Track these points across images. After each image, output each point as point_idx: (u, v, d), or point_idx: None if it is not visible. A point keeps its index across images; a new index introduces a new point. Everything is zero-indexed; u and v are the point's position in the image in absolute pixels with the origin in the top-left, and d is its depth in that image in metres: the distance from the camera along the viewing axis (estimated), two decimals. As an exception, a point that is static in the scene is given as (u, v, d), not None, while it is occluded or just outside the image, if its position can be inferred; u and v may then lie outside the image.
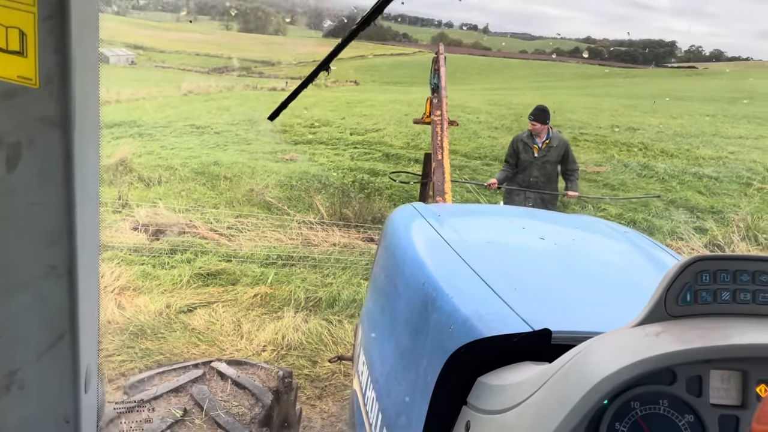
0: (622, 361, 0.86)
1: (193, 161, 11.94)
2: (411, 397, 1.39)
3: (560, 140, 6.72)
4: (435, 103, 5.52)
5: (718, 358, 0.88)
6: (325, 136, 15.34)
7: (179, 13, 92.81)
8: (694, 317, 0.97)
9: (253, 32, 76.74)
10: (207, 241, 7.45)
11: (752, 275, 0.97)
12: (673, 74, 58.08)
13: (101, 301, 3.57)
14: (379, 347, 1.85)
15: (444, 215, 2.34)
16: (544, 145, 6.64)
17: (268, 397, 2.68)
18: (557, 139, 6.70)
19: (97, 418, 0.83)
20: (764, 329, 0.92)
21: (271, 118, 1.28)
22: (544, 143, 6.64)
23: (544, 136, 6.64)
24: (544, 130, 6.63)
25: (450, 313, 1.41)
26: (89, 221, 0.74)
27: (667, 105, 24.24)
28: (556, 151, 6.66)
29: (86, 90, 0.71)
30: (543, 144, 6.64)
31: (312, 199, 9.56)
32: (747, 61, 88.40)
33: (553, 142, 6.65)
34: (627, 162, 13.54)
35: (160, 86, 26.04)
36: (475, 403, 1.13)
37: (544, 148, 6.64)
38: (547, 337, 1.19)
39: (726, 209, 10.46)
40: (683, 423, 0.94)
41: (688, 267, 0.97)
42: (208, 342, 5.21)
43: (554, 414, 0.88)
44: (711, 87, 35.32)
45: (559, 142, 6.69)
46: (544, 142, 6.64)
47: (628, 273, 1.82)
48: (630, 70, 65.08)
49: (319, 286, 6.39)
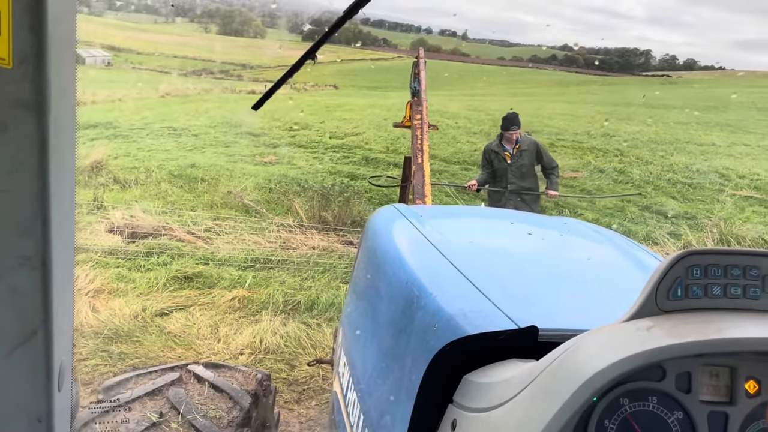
0: (612, 356, 0.85)
1: (170, 163, 11.80)
2: (396, 397, 1.37)
3: (530, 142, 6.71)
4: (415, 107, 5.52)
5: (711, 352, 0.88)
6: (304, 140, 15.29)
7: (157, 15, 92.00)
8: (685, 312, 0.96)
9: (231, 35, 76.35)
10: (184, 244, 7.35)
11: (743, 270, 0.97)
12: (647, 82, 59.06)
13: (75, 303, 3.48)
14: (360, 348, 1.83)
15: (426, 216, 2.33)
16: (515, 150, 6.64)
17: (246, 400, 2.64)
18: (527, 142, 6.68)
19: (70, 418, 0.80)
20: (755, 324, 0.92)
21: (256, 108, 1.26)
22: (515, 148, 6.64)
23: (514, 141, 6.64)
24: (516, 135, 6.65)
25: (434, 311, 1.39)
26: (64, 210, 0.71)
27: (642, 112, 24.63)
28: (528, 153, 6.65)
29: (63, 72, 0.68)
30: (514, 149, 6.64)
31: (291, 202, 9.50)
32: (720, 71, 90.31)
33: (523, 145, 6.64)
34: (603, 168, 13.71)
35: (137, 88, 25.73)
36: (462, 401, 1.12)
37: (516, 154, 6.64)
38: (534, 334, 1.18)
39: (699, 215, 10.63)
40: (672, 420, 0.93)
41: (680, 261, 0.97)
42: (185, 345, 5.13)
43: (543, 411, 0.86)
44: (685, 95, 35.99)
45: (529, 144, 6.68)
46: (514, 148, 6.64)
47: (610, 273, 1.82)
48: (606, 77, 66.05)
49: (297, 289, 6.34)
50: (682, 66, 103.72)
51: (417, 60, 5.67)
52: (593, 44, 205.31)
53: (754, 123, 23.63)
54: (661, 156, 15.56)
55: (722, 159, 15.50)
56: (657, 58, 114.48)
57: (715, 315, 0.95)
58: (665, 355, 0.85)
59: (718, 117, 24.83)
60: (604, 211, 10.62)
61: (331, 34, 0.90)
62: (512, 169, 6.67)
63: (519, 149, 6.63)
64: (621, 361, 0.84)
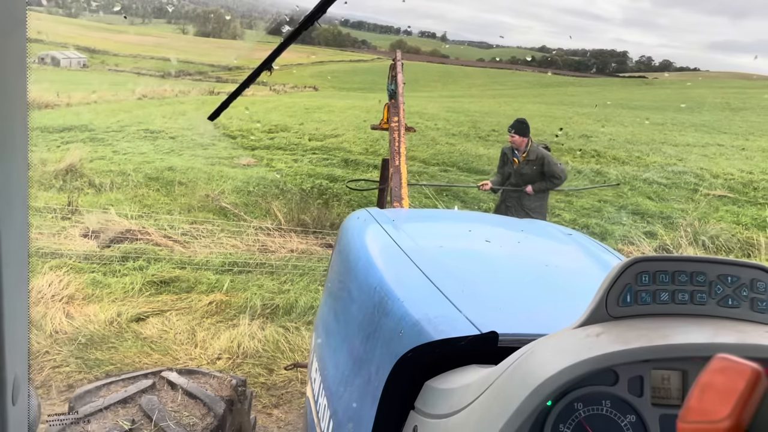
0: (563, 362, 0.87)
1: (146, 166, 11.67)
2: (361, 403, 1.38)
3: (538, 154, 6.54)
4: (392, 110, 5.53)
5: (657, 358, 0.90)
6: (283, 142, 15.23)
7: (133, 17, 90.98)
8: (634, 318, 0.98)
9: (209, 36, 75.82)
10: (160, 248, 7.28)
11: (690, 276, 0.99)
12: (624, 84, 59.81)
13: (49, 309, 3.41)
14: (331, 353, 1.83)
15: (398, 220, 2.34)
16: (522, 158, 6.55)
17: (221, 407, 2.62)
18: (535, 153, 6.54)
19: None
20: (701, 329, 0.94)
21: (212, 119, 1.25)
22: (522, 156, 6.55)
23: (522, 148, 6.55)
24: (523, 142, 6.53)
25: (400, 317, 1.40)
26: (17, 220, 0.70)
27: (618, 113, 24.95)
28: (532, 165, 6.53)
29: (11, 82, 0.68)
30: (521, 156, 6.55)
31: (269, 205, 9.46)
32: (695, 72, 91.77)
33: (531, 155, 6.53)
34: (580, 168, 13.85)
35: (113, 90, 25.41)
36: (423, 408, 1.12)
37: (523, 161, 6.55)
38: (494, 339, 1.19)
39: (674, 214, 10.80)
40: (625, 423, 0.95)
41: (629, 268, 0.99)
42: (161, 351, 5.08)
43: (498, 416, 0.87)
44: (660, 96, 36.51)
45: (537, 156, 6.53)
46: (522, 155, 6.55)
47: (575, 275, 1.84)
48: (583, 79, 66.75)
49: (276, 293, 6.31)
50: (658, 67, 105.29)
51: (394, 62, 5.69)
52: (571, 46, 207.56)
53: (728, 123, 24.10)
54: (637, 156, 15.78)
55: (697, 159, 15.77)
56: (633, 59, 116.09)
57: (662, 321, 0.97)
58: (612, 361, 0.87)
59: (693, 118, 25.27)
60: (581, 212, 10.73)
61: (287, 45, 0.90)
62: (516, 175, 6.61)
63: (526, 158, 6.54)
64: (570, 367, 0.86)
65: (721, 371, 0.45)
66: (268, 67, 0.97)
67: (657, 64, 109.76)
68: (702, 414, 0.43)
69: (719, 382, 0.44)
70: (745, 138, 20.19)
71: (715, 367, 0.45)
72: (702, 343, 0.88)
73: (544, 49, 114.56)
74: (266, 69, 0.98)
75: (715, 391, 0.44)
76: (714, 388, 0.44)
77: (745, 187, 13.12)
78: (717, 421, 0.42)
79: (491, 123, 19.81)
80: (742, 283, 0.99)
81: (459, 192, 10.99)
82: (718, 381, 0.44)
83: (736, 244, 9.19)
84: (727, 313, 0.99)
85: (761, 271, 1.00)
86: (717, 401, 0.43)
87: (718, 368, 0.45)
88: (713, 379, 0.44)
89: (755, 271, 1.00)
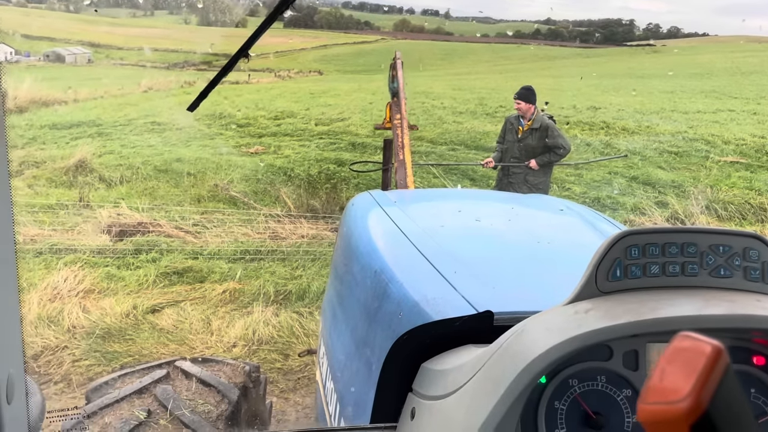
0: (552, 339, 0.87)
1: (155, 159, 11.72)
2: (362, 387, 1.39)
3: (543, 123, 6.32)
4: (395, 107, 5.62)
5: (646, 332, 0.89)
6: (290, 128, 15.21)
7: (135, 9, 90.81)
8: (624, 292, 0.97)
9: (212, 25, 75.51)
10: (172, 240, 7.34)
11: (681, 247, 0.98)
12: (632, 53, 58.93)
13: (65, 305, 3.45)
14: (337, 337, 1.85)
15: (400, 201, 2.34)
16: (527, 127, 6.36)
17: (235, 393, 2.66)
18: (539, 122, 6.32)
19: (28, 429, 0.80)
20: (691, 301, 0.93)
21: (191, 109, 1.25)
22: (527, 124, 6.36)
23: (528, 116, 6.35)
24: (529, 110, 6.33)
25: (400, 299, 1.41)
26: (2, 218, 0.70)
27: (627, 83, 24.63)
28: (537, 134, 6.32)
29: None
30: (526, 124, 6.37)
31: (278, 192, 9.49)
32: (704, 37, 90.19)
33: (535, 124, 6.32)
34: (589, 141, 13.72)
35: (118, 84, 25.46)
36: (420, 390, 1.13)
37: (527, 130, 6.37)
38: (489, 319, 1.19)
39: (686, 183, 10.69)
40: (621, 398, 0.95)
41: (618, 242, 0.98)
42: (178, 341, 5.15)
43: (491, 395, 0.88)
44: (669, 64, 35.95)
45: (542, 125, 6.31)
46: (527, 123, 6.36)
47: (576, 249, 1.83)
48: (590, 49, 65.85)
49: (288, 279, 6.36)
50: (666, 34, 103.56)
51: (394, 62, 5.78)
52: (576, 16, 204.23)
53: (738, 88, 23.70)
54: (647, 126, 15.59)
55: (708, 126, 15.55)
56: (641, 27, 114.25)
57: (652, 294, 0.96)
58: (601, 337, 0.86)
59: (702, 84, 24.88)
60: (592, 185, 10.66)
61: (263, 30, 0.90)
62: (519, 145, 6.42)
63: (530, 126, 6.34)
64: (559, 344, 0.85)
65: (682, 350, 0.43)
66: (245, 54, 0.97)
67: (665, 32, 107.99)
68: (662, 394, 0.42)
69: (680, 361, 0.43)
70: (756, 102, 19.86)
71: (676, 346, 0.44)
72: (691, 315, 0.87)
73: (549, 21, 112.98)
74: (243, 56, 0.98)
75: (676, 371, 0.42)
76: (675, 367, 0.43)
77: (757, 152, 12.93)
78: (676, 401, 0.41)
79: (498, 99, 19.63)
80: (735, 252, 0.98)
81: (468, 170, 10.93)
82: (679, 360, 0.43)
83: (749, 210, 9.10)
84: (720, 283, 0.98)
85: (754, 239, 0.98)
86: (677, 381, 0.42)
87: (680, 346, 0.43)
88: (674, 358, 0.43)
89: (748, 239, 0.98)
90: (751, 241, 0.98)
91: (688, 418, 0.41)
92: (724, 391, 0.43)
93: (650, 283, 0.98)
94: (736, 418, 0.43)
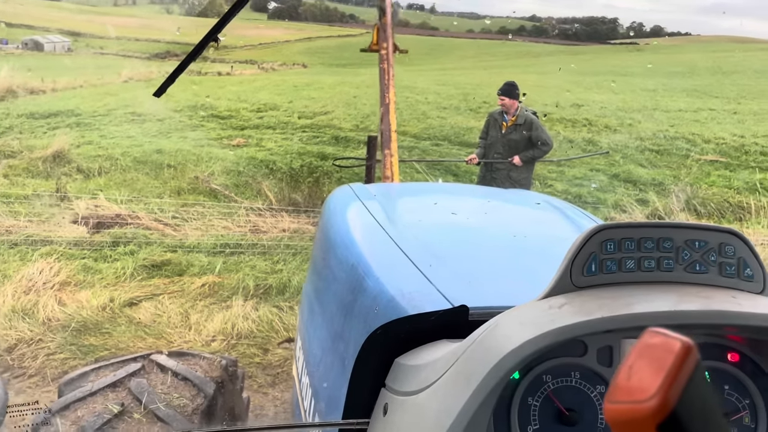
0: (525, 334, 0.85)
1: (134, 150, 11.57)
2: (336, 382, 1.37)
3: (527, 119, 6.32)
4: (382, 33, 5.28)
5: (619, 327, 0.88)
6: (272, 121, 15.11)
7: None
8: (599, 287, 0.96)
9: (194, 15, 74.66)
10: (151, 232, 7.25)
11: (656, 242, 0.97)
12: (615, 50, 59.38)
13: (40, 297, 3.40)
14: (313, 331, 1.83)
15: (380, 195, 2.32)
16: (511, 122, 6.35)
17: (211, 388, 2.63)
18: (524, 118, 6.32)
19: None
20: (666, 296, 0.92)
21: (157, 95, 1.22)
22: (511, 120, 6.35)
23: (512, 111, 6.34)
24: (513, 106, 6.31)
25: (376, 294, 1.39)
26: None
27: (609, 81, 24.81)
28: (521, 129, 6.31)
29: None
30: (510, 120, 6.35)
31: (260, 185, 9.42)
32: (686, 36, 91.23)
33: (519, 120, 6.32)
34: (572, 138, 13.81)
35: (98, 73, 25.07)
36: (393, 385, 1.11)
37: (511, 126, 6.35)
38: (465, 313, 1.17)
39: (666, 181, 10.81)
40: (595, 394, 0.94)
41: (593, 237, 0.96)
42: (155, 335, 5.09)
43: (463, 391, 0.86)
44: (651, 62, 36.28)
45: (526, 120, 6.31)
46: (510, 119, 6.36)
47: (554, 244, 1.83)
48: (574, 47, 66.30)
49: (268, 273, 6.31)
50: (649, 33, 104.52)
51: None
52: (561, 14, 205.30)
53: (719, 87, 23.99)
54: (629, 124, 15.73)
55: (689, 125, 15.73)
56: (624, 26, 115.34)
57: (626, 289, 0.95)
58: (575, 333, 0.85)
59: (684, 83, 25.14)
60: (573, 181, 10.73)
61: (232, 15, 0.87)
62: (503, 141, 6.40)
63: (515, 122, 6.33)
64: (531, 339, 0.84)
65: (651, 346, 0.41)
66: (214, 38, 0.94)
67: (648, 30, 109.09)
68: (628, 393, 0.40)
69: (648, 358, 0.41)
70: (737, 102, 20.13)
71: (645, 342, 0.42)
72: (665, 311, 0.86)
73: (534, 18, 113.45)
74: (212, 41, 0.95)
75: (644, 368, 0.41)
76: (642, 365, 0.41)
77: (736, 151, 13.12)
78: (643, 401, 0.39)
79: (482, 95, 19.65)
80: (711, 247, 0.97)
81: (451, 166, 10.95)
82: (647, 356, 0.41)
83: (728, 209, 9.23)
84: (695, 278, 0.97)
85: (730, 235, 0.98)
86: (644, 379, 0.40)
87: (649, 343, 0.42)
88: (642, 355, 0.41)
89: (724, 235, 0.98)
90: (727, 236, 0.98)
91: (654, 417, 0.39)
92: (692, 389, 0.41)
93: (625, 278, 0.97)
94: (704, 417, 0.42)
